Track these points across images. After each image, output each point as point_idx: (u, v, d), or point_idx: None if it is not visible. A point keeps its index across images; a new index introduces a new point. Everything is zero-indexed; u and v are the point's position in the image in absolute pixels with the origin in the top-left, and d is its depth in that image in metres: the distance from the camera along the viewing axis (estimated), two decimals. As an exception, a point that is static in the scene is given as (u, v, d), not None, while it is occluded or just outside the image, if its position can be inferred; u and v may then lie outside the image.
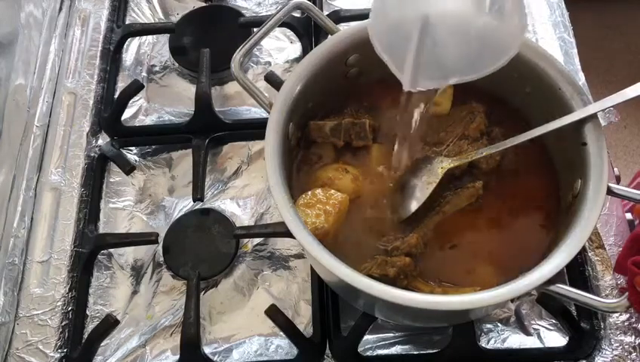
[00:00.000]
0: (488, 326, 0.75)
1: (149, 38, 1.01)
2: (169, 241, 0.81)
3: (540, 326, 0.74)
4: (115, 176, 0.88)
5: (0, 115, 0.83)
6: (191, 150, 0.86)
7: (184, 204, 0.85)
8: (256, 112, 0.91)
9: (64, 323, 0.76)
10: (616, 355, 0.71)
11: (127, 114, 0.91)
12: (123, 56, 0.99)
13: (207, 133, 0.87)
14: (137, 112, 0.93)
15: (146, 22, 1.03)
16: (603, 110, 0.63)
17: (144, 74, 0.97)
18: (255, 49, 0.92)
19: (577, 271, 0.76)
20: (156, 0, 1.05)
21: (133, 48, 1.00)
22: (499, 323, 0.75)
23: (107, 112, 0.91)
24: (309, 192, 0.66)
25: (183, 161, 0.89)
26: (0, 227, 0.81)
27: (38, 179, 0.86)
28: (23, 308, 0.77)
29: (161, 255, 0.81)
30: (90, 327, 0.77)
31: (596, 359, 0.71)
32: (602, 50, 2.11)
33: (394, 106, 0.71)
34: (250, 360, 0.74)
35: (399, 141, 0.68)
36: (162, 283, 0.80)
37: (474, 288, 0.62)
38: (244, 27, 0.96)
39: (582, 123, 0.62)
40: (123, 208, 0.86)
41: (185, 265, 0.79)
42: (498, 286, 0.55)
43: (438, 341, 0.74)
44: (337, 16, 0.95)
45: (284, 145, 0.64)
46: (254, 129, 0.88)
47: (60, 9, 1.01)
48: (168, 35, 0.99)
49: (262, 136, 0.63)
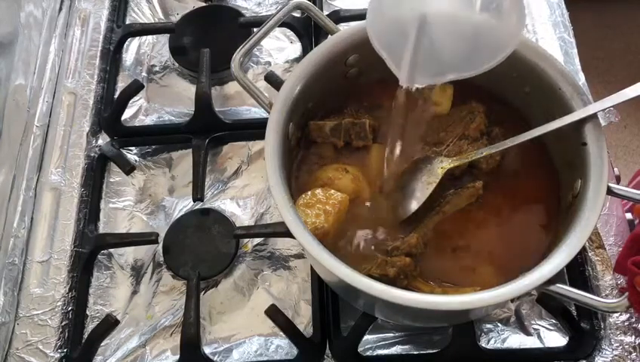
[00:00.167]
0: (488, 326, 0.75)
1: (149, 38, 1.01)
2: (169, 241, 0.81)
3: (540, 326, 0.74)
4: (115, 176, 0.88)
5: (0, 115, 0.83)
6: (191, 150, 0.86)
7: (184, 204, 0.85)
8: (256, 112, 0.91)
9: (64, 323, 0.76)
10: (616, 355, 0.71)
11: (127, 114, 0.91)
12: (123, 56, 0.99)
13: (207, 133, 0.87)
14: (137, 112, 0.93)
15: (146, 22, 1.03)
16: (603, 110, 0.62)
17: (144, 74, 0.97)
18: (255, 49, 0.92)
19: (577, 271, 0.76)
20: (156, 0, 1.05)
21: (133, 48, 1.00)
22: (499, 323, 0.75)
23: (107, 112, 0.91)
24: (309, 192, 0.65)
25: (183, 161, 0.89)
26: (0, 227, 0.81)
27: (38, 179, 0.86)
28: (23, 308, 0.77)
29: (161, 255, 0.81)
30: (90, 327, 0.77)
31: (596, 359, 0.71)
32: (602, 50, 2.10)
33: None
34: (250, 360, 0.74)
35: (391, 140, 0.67)
36: (162, 283, 0.80)
37: (474, 288, 0.62)
38: (244, 27, 0.96)
39: (582, 123, 0.62)
40: (123, 208, 0.86)
41: (185, 265, 0.79)
42: (498, 286, 0.55)
43: (438, 341, 0.74)
44: (337, 16, 0.95)
45: (284, 145, 0.64)
46: (254, 129, 0.88)
47: (60, 9, 1.01)
48: (168, 35, 0.99)
49: (262, 136, 0.63)
